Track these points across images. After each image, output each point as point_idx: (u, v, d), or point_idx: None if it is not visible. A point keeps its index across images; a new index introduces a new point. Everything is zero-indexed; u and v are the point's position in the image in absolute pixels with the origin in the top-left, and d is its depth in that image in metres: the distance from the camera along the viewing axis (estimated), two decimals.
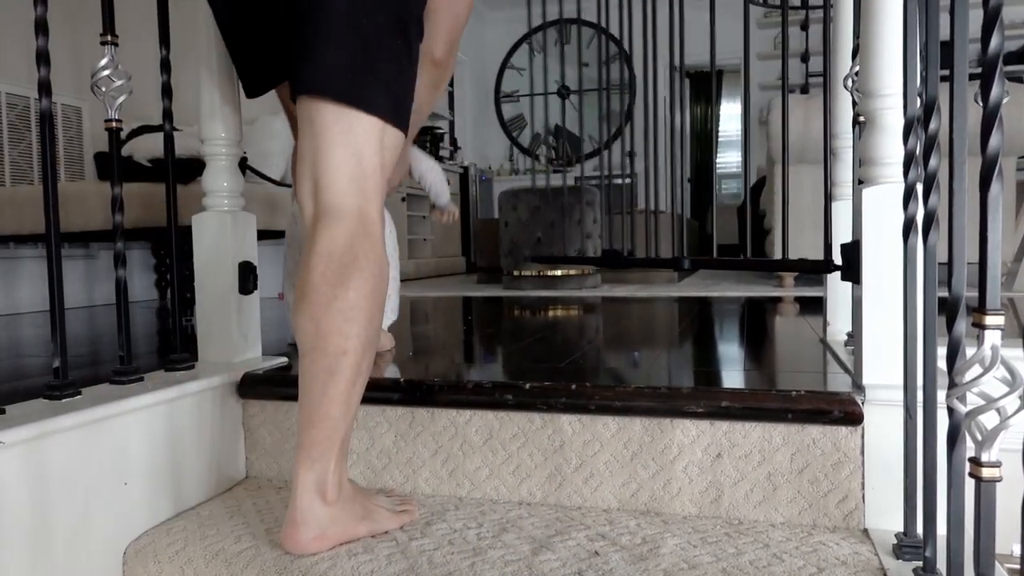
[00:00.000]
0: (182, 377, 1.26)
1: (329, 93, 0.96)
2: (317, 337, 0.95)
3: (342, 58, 0.96)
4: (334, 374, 0.95)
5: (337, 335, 0.95)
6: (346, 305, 0.95)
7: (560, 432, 1.19)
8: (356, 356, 0.96)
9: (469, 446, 1.23)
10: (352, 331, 0.95)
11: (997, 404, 0.65)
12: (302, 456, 0.97)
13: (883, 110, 1.06)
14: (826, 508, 1.08)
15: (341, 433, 0.98)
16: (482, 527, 1.10)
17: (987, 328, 0.64)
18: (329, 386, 0.96)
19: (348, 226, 0.97)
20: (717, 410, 1.10)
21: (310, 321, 0.95)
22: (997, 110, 0.63)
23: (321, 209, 0.98)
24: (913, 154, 0.91)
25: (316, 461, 0.97)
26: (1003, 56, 0.63)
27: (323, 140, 0.97)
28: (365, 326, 0.96)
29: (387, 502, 1.11)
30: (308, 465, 0.97)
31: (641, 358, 1.51)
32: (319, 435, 0.97)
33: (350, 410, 0.98)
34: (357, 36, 0.96)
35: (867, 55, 1.07)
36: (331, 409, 0.96)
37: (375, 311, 0.98)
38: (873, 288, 1.06)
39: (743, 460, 1.11)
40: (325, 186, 0.98)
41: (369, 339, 0.98)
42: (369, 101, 0.97)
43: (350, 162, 0.97)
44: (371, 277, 0.97)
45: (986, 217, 0.64)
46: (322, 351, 0.95)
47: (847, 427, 1.06)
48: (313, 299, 0.95)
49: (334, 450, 0.98)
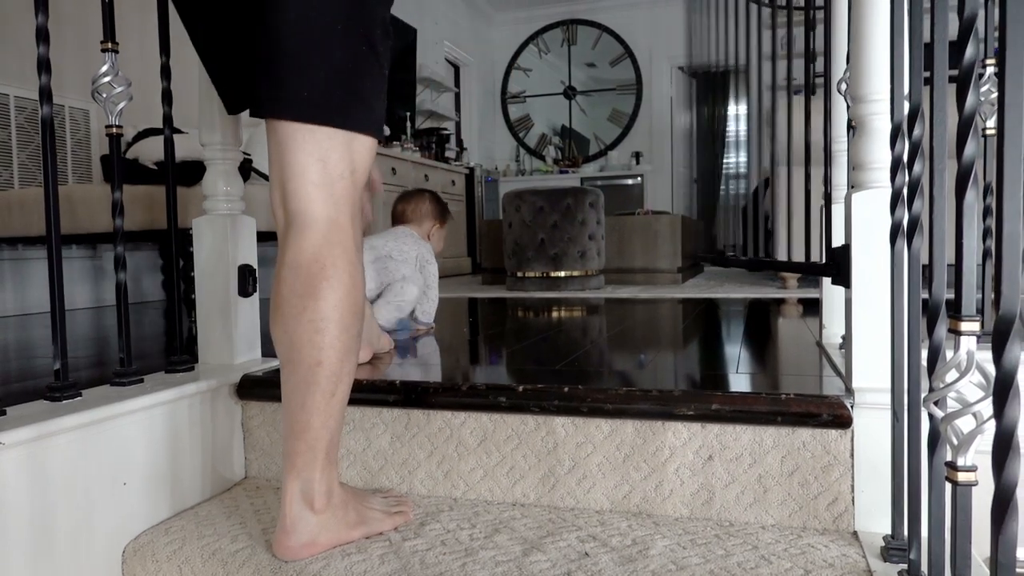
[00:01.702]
0: (181, 379, 1.28)
1: (289, 116, 0.95)
2: (291, 349, 0.95)
3: (305, 79, 0.94)
4: (311, 385, 0.95)
5: (309, 346, 0.94)
6: (316, 316, 0.94)
7: (553, 434, 1.20)
8: (331, 366, 0.96)
9: (464, 448, 1.25)
10: (324, 341, 0.95)
11: (973, 409, 0.66)
12: (288, 466, 0.98)
13: (872, 115, 1.07)
14: (816, 510, 1.09)
15: (323, 443, 0.98)
16: (475, 528, 1.11)
17: (963, 334, 0.65)
18: (307, 397, 0.96)
19: (315, 235, 0.95)
20: (708, 413, 1.11)
21: (284, 334, 0.96)
22: (972, 118, 0.64)
23: (289, 217, 0.97)
24: (900, 159, 0.92)
25: (301, 471, 0.98)
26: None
27: (288, 148, 0.96)
28: (338, 335, 0.96)
29: (382, 503, 1.12)
30: (294, 475, 0.98)
31: (638, 360, 1.52)
32: (301, 446, 0.97)
33: (331, 419, 0.98)
34: (317, 51, 0.94)
35: (856, 60, 1.08)
36: (311, 420, 0.96)
37: (348, 319, 0.97)
38: (862, 292, 1.07)
39: (734, 462, 1.12)
40: (292, 192, 0.96)
41: (345, 347, 0.97)
42: (337, 117, 0.95)
43: (315, 167, 0.95)
44: (340, 286, 0.95)
45: (962, 223, 0.65)
46: (297, 363, 0.95)
47: (837, 430, 1.07)
48: (284, 311, 0.95)
49: (318, 460, 0.98)
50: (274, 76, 0.95)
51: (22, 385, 1.40)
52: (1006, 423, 0.56)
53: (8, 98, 3.16)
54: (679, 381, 1.25)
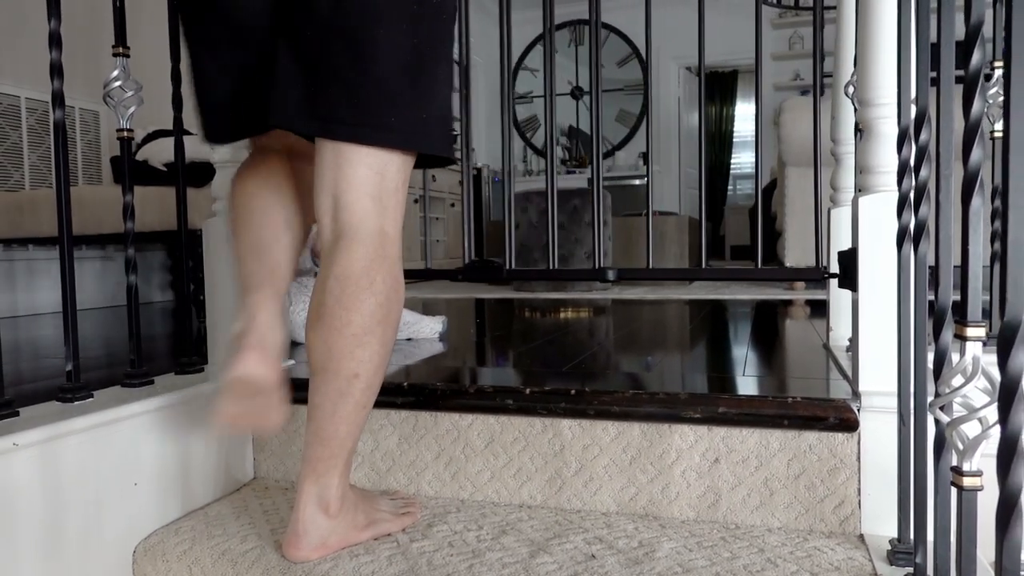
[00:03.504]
0: (191, 380, 1.29)
1: (372, 143, 0.94)
2: (329, 359, 0.95)
3: (394, 108, 0.93)
4: (344, 395, 0.96)
5: (349, 359, 0.94)
6: (360, 330, 0.94)
7: (560, 436, 1.21)
8: (367, 379, 0.96)
9: (471, 449, 1.25)
10: (364, 355, 0.95)
11: (979, 414, 0.66)
12: (307, 470, 0.99)
13: (879, 119, 1.07)
14: (822, 513, 1.09)
15: (347, 450, 0.99)
16: (482, 529, 1.12)
17: (968, 339, 0.65)
18: (339, 406, 0.96)
19: (367, 248, 0.94)
20: (714, 416, 1.11)
21: (323, 343, 0.95)
22: (978, 125, 0.64)
23: (340, 228, 0.96)
24: (907, 163, 0.92)
25: (321, 476, 0.98)
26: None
27: (347, 160, 0.95)
28: (377, 350, 0.96)
29: (390, 505, 1.13)
30: (313, 479, 0.98)
31: (645, 362, 1.52)
32: (325, 452, 0.98)
33: (358, 428, 1.00)
34: (407, 78, 0.93)
35: (864, 64, 1.08)
36: (339, 428, 0.97)
37: (389, 334, 0.97)
38: (869, 296, 1.07)
39: (740, 465, 1.12)
40: (346, 205, 0.95)
41: (381, 362, 0.97)
42: (415, 142, 0.95)
43: (373, 180, 0.95)
44: (386, 301, 0.95)
45: (967, 229, 0.65)
46: (334, 372, 0.95)
47: (843, 433, 1.07)
48: (327, 322, 0.94)
49: (339, 466, 0.99)
50: (358, 102, 0.92)
51: (34, 386, 1.41)
52: (1011, 429, 0.56)
53: (19, 100, 3.19)
54: (686, 383, 1.26)
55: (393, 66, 0.92)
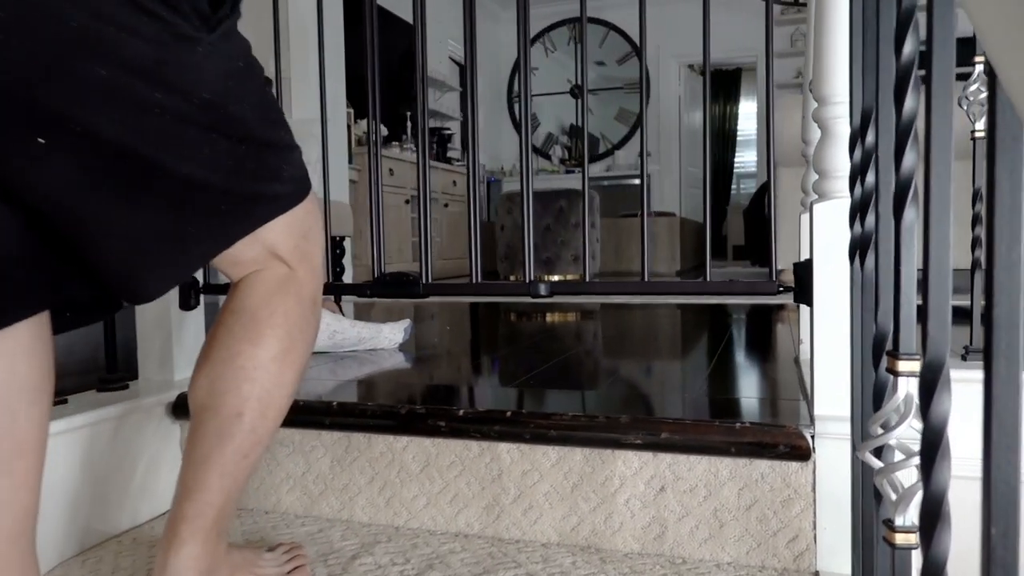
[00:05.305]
0: (111, 398, 1.21)
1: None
2: (210, 395, 0.82)
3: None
4: (223, 438, 0.81)
5: (234, 394, 0.81)
6: (250, 364, 0.81)
7: (498, 460, 1.12)
8: (252, 421, 0.82)
9: (406, 473, 1.17)
10: (252, 392, 0.81)
11: (915, 461, 0.57)
12: (167, 535, 0.82)
13: (834, 119, 0.98)
14: (775, 548, 1.00)
15: (216, 509, 0.82)
16: (408, 563, 1.04)
17: (900, 375, 0.56)
18: (214, 451, 0.81)
19: (272, 281, 0.84)
20: (657, 442, 1.02)
21: (205, 378, 0.83)
22: (911, 126, 0.55)
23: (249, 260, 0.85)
24: (859, 167, 0.83)
25: (183, 544, 0.81)
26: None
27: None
28: (269, 390, 0.82)
29: (274, 561, 0.98)
30: (174, 549, 0.81)
31: (598, 379, 1.44)
32: (190, 510, 0.81)
33: (234, 484, 0.83)
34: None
35: (818, 58, 0.99)
36: (209, 478, 0.81)
37: (287, 376, 0.84)
38: (823, 312, 0.98)
39: (688, 494, 1.04)
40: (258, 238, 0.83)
41: (274, 407, 0.83)
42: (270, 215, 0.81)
43: (286, 219, 0.83)
44: (286, 337, 0.83)
45: (899, 247, 0.56)
46: (213, 411, 0.82)
47: (797, 462, 0.98)
48: (212, 355, 0.83)
49: (205, 529, 0.82)
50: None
51: None
52: (934, 487, 0.47)
53: None
54: (633, 405, 1.17)
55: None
